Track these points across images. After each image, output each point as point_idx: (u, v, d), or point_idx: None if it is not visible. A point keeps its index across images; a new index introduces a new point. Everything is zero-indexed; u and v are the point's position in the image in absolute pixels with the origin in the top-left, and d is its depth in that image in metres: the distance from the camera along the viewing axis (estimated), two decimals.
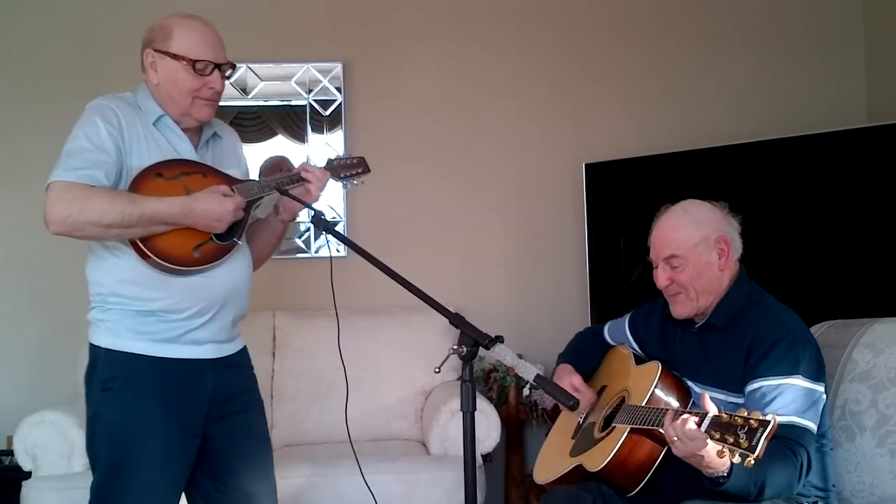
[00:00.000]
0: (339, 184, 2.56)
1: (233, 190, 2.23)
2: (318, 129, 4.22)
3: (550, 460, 2.56)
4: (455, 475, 3.22)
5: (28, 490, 3.23)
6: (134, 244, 2.15)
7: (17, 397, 3.88)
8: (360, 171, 2.55)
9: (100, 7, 4.14)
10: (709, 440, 1.82)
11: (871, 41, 4.29)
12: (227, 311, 2.29)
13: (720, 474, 1.93)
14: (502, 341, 1.92)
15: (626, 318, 2.66)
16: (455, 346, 1.94)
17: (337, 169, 2.51)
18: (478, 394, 2.70)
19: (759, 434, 1.73)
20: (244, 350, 2.43)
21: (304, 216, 3.93)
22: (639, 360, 2.53)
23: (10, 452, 3.55)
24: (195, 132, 2.34)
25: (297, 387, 3.81)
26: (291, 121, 4.20)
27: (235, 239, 2.25)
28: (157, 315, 2.20)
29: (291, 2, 4.22)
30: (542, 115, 4.32)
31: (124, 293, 2.19)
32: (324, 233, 2.29)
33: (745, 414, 1.78)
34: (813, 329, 2.49)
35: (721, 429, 1.80)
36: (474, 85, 4.29)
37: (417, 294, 2.03)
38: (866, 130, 3.57)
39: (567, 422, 2.62)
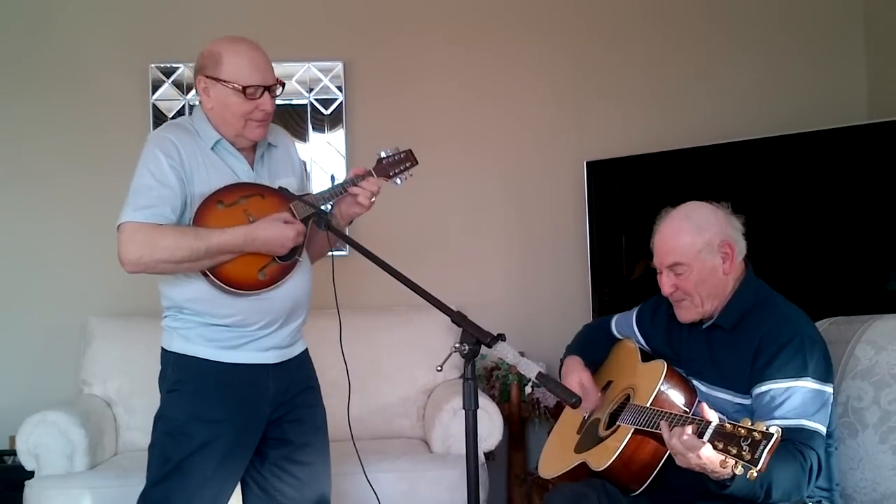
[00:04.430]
0: (390, 182, 2.58)
1: (291, 210, 2.32)
2: (319, 128, 4.22)
3: (555, 455, 2.56)
4: (458, 473, 3.22)
5: (31, 490, 3.24)
6: (202, 271, 2.25)
7: (20, 397, 3.88)
8: (408, 165, 2.61)
9: (88, 10, 4.14)
10: (711, 449, 1.81)
11: (871, 37, 4.28)
12: (292, 320, 2.42)
13: (725, 477, 1.92)
14: (504, 339, 1.93)
15: (634, 313, 2.64)
16: (457, 345, 1.94)
17: (386, 168, 2.56)
18: (480, 392, 2.69)
19: (761, 447, 1.72)
20: (305, 351, 2.54)
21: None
22: (645, 356, 2.53)
23: (12, 452, 3.56)
24: (250, 149, 2.42)
25: None
26: (292, 120, 4.20)
27: (297, 257, 2.35)
28: (228, 327, 2.31)
29: (292, 1, 4.22)
30: (543, 114, 4.31)
31: (195, 309, 2.31)
32: (326, 231, 2.33)
33: (749, 424, 1.77)
34: None
35: (724, 439, 1.79)
36: (475, 83, 4.29)
37: (419, 292, 2.04)
38: (867, 127, 3.57)
39: (572, 416, 2.62)
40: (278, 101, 2.42)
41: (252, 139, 2.38)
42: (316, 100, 4.20)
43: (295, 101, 4.19)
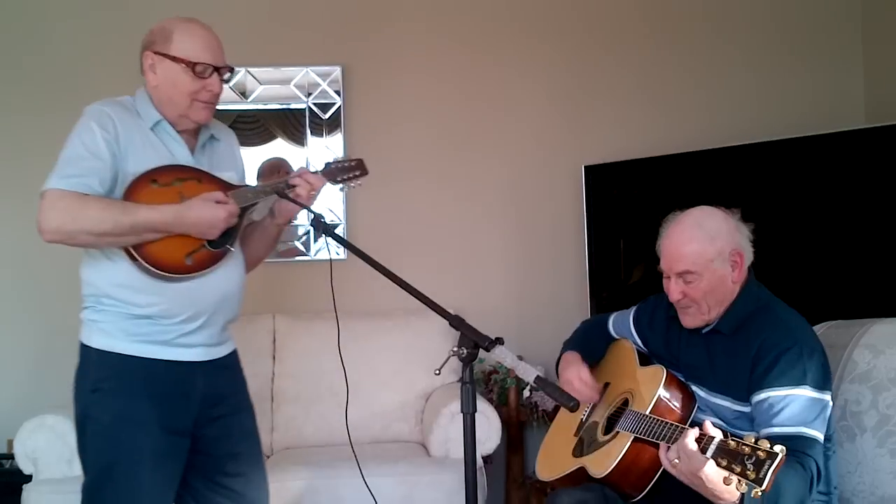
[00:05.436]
0: (337, 187, 2.54)
1: (227, 196, 2.22)
2: (317, 132, 4.22)
3: (553, 456, 2.56)
4: (456, 477, 3.21)
5: (29, 493, 3.23)
6: (126, 251, 2.15)
7: (18, 401, 3.88)
8: (357, 173, 2.54)
9: (96, 15, 4.15)
10: (715, 466, 1.80)
11: (869, 42, 4.29)
12: (219, 316, 2.30)
13: (734, 501, 1.90)
14: (502, 343, 1.92)
15: (631, 313, 2.62)
16: (455, 348, 1.94)
17: (334, 173, 2.50)
18: (478, 396, 2.70)
19: (766, 466, 1.71)
20: (234, 353, 2.43)
21: (303, 218, 3.94)
22: (642, 358, 2.52)
23: (10, 456, 3.55)
24: (192, 135, 2.34)
25: (298, 390, 3.81)
26: (290, 124, 4.20)
27: (228, 246, 2.25)
28: (150, 319, 2.20)
29: (290, 5, 4.22)
30: (540, 118, 4.32)
31: (118, 296, 2.19)
32: (323, 235, 2.30)
33: (752, 441, 1.76)
34: None
35: (728, 456, 1.78)
36: (473, 88, 4.29)
37: (417, 296, 2.04)
38: (865, 132, 3.58)
39: (569, 416, 2.61)
40: (276, 106, 2.39)
41: (196, 121, 2.29)
42: (314, 104, 4.20)
43: (293, 106, 4.18)
